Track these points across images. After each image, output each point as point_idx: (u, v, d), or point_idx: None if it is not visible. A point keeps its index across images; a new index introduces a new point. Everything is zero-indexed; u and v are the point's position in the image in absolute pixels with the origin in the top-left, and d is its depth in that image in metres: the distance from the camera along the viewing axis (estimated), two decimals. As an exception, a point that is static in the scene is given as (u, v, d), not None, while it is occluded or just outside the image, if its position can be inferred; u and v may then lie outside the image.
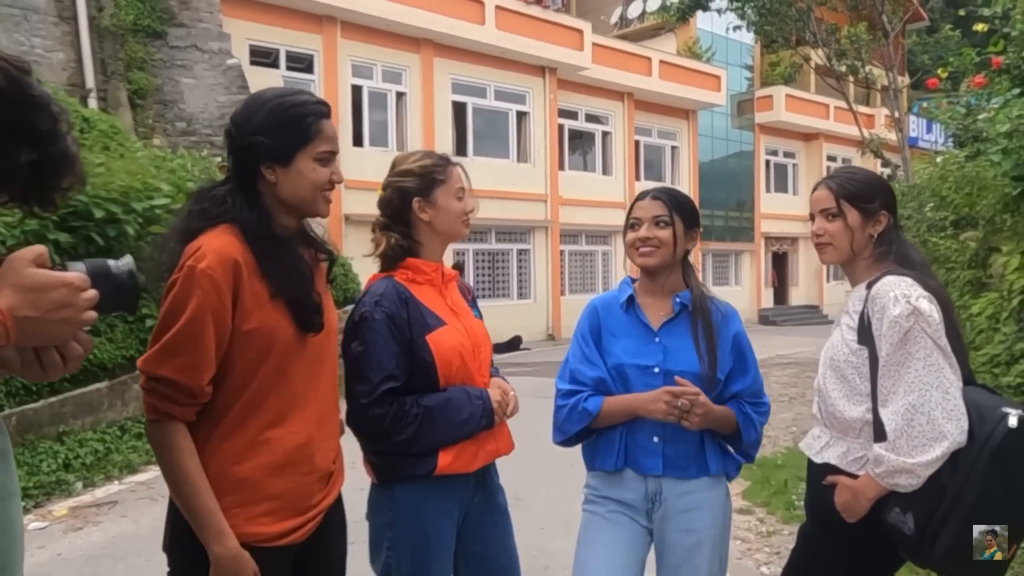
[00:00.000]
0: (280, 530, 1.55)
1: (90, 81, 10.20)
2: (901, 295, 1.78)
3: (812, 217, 2.03)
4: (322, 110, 1.63)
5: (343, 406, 1.85)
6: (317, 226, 1.80)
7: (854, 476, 1.86)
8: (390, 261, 1.99)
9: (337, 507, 1.77)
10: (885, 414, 1.79)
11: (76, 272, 1.01)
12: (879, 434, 1.81)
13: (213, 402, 1.52)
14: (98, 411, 5.97)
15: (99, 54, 10.46)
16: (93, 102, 10.04)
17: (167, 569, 1.58)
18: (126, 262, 1.11)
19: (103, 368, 6.03)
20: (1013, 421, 1.67)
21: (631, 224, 2.11)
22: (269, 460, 1.54)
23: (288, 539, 1.57)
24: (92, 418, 5.91)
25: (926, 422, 1.71)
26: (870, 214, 1.95)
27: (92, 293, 1.01)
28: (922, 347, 1.74)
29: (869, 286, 1.88)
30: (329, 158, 1.63)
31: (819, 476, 1.97)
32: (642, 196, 2.14)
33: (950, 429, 1.70)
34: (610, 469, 2.07)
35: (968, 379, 1.83)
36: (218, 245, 1.49)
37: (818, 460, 1.98)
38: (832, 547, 1.94)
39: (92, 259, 1.08)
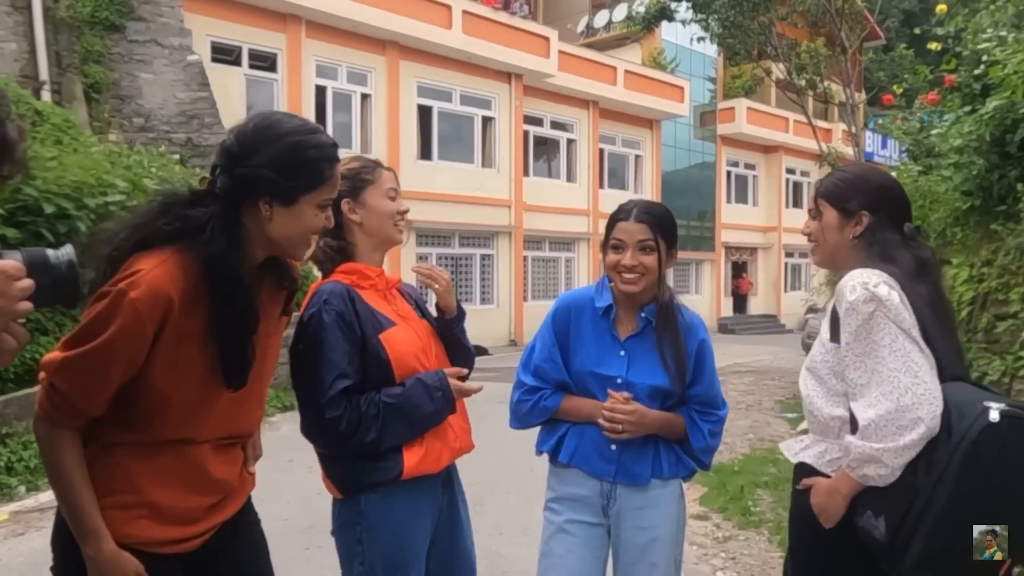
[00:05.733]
0: (161, 537, 1.49)
1: (44, 73, 9.90)
2: (859, 283, 1.68)
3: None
4: (336, 155, 1.58)
5: (292, 418, 1.78)
6: None
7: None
8: (326, 265, 1.96)
9: (245, 513, 1.70)
10: (857, 407, 1.67)
11: (10, 260, 0.96)
12: (855, 429, 1.69)
13: (118, 399, 1.45)
14: (44, 413, 5.78)
15: (54, 46, 10.17)
16: (47, 95, 9.74)
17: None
18: (66, 252, 1.06)
19: (51, 368, 5.85)
20: (994, 415, 1.51)
21: (613, 245, 2.05)
22: (158, 465, 1.48)
23: (173, 548, 1.50)
24: (38, 420, 5.72)
25: (895, 409, 1.58)
26: (848, 214, 1.85)
27: (27, 283, 0.96)
28: (886, 334, 1.62)
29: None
30: (329, 205, 1.57)
31: (797, 480, 1.88)
32: (624, 215, 2.06)
33: (922, 414, 1.56)
34: (547, 450, 2.14)
35: (957, 375, 1.70)
36: (156, 276, 1.39)
37: (794, 460, 1.90)
38: (818, 559, 1.83)
39: (30, 248, 1.03)
